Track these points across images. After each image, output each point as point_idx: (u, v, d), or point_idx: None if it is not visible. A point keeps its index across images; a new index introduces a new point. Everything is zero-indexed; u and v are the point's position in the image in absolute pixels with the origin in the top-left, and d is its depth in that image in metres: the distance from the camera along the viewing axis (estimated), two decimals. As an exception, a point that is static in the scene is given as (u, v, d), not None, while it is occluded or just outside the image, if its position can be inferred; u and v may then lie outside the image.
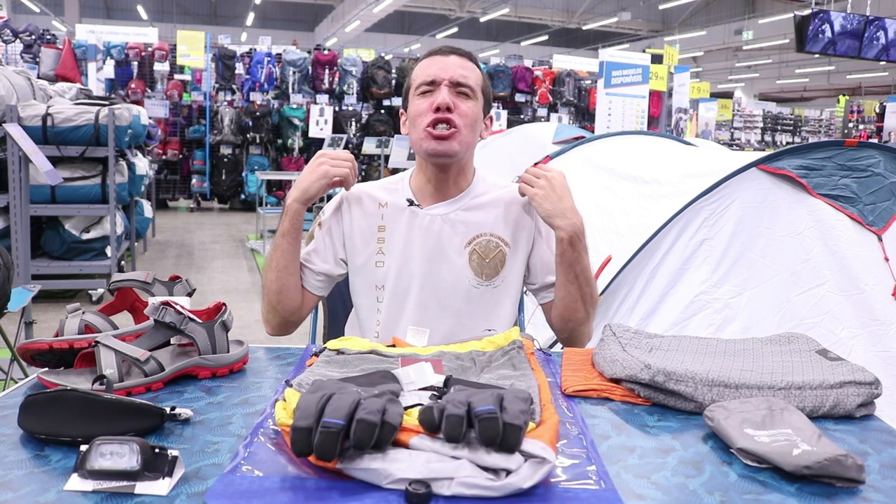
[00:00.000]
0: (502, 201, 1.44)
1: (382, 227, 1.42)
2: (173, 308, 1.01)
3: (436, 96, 1.35)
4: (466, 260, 1.40)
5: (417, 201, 1.42)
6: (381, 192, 1.46)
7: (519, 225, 1.43)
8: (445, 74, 1.36)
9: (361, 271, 1.43)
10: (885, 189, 2.40)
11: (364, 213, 1.44)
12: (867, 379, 0.98)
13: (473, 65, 1.41)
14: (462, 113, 1.35)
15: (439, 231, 1.40)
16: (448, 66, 1.37)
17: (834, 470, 0.74)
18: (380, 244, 1.42)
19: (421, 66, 1.40)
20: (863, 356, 2.14)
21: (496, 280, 1.41)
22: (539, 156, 3.46)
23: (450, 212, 1.41)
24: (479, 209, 1.42)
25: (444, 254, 1.40)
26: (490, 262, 1.40)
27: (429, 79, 1.36)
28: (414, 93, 1.39)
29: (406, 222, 1.41)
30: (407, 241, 1.40)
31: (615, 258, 2.35)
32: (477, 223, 1.41)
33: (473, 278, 1.40)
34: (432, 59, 1.39)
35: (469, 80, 1.37)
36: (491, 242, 1.41)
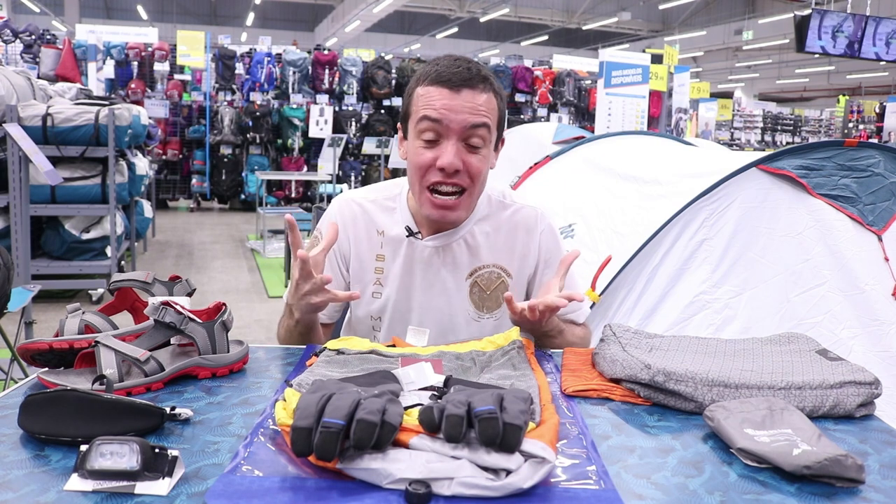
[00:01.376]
0: (506, 226, 1.34)
1: (381, 256, 1.33)
2: (173, 308, 1.01)
3: (440, 150, 1.18)
4: (467, 293, 1.33)
5: (417, 228, 1.32)
6: (379, 215, 1.34)
7: (521, 253, 1.35)
8: (456, 123, 1.16)
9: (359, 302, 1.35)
10: (885, 189, 2.40)
11: (364, 238, 1.34)
12: (867, 379, 0.98)
13: (489, 94, 1.20)
14: (472, 171, 1.19)
15: (440, 264, 1.32)
16: (459, 109, 1.16)
17: (834, 470, 0.74)
18: (377, 274, 1.33)
19: (425, 95, 1.19)
20: (863, 356, 2.14)
21: (497, 312, 1.35)
22: (539, 156, 3.46)
23: (450, 242, 1.31)
24: (480, 238, 1.32)
25: (444, 287, 1.32)
26: (492, 295, 1.33)
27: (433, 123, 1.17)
28: (414, 127, 1.21)
29: (405, 254, 1.32)
30: (405, 272, 1.32)
31: (615, 258, 2.35)
32: (478, 254, 1.32)
33: (474, 311, 1.33)
34: (439, 94, 1.17)
35: (483, 123, 1.18)
36: (493, 274, 1.33)
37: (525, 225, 1.34)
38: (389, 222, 1.33)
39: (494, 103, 1.21)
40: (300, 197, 9.89)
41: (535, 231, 1.35)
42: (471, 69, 1.19)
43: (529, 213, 1.35)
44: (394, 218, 1.33)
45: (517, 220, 1.34)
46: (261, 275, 5.95)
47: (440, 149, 1.18)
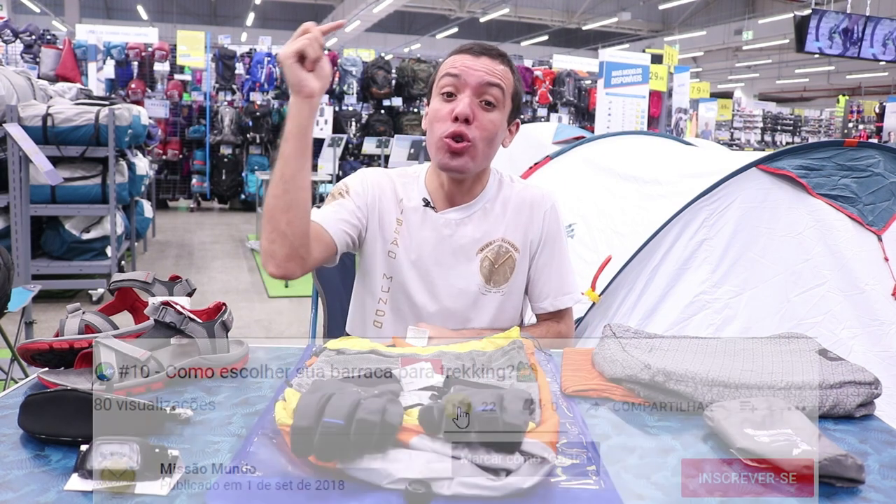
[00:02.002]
0: (515, 200, 1.42)
1: (400, 220, 1.41)
2: (173, 308, 1.01)
3: (456, 103, 1.29)
4: (478, 266, 1.39)
5: (433, 203, 1.41)
6: (399, 186, 1.43)
7: (526, 227, 1.42)
8: (473, 78, 1.29)
9: (375, 255, 1.41)
10: (885, 189, 2.40)
11: (388, 200, 1.41)
12: (867, 379, 0.98)
13: (505, 67, 1.33)
14: (482, 125, 1.30)
15: (452, 236, 1.39)
16: (475, 69, 1.29)
17: (834, 470, 0.74)
18: (396, 235, 1.40)
19: (449, 61, 1.33)
20: (863, 356, 2.14)
21: (504, 287, 1.41)
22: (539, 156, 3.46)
23: (463, 217, 1.40)
24: (492, 215, 1.41)
25: (456, 259, 1.39)
26: (500, 269, 1.40)
27: (453, 79, 1.29)
28: (437, 89, 1.34)
29: (420, 222, 1.40)
30: (420, 241, 1.39)
31: (615, 258, 2.35)
32: (490, 230, 1.40)
33: (483, 285, 1.39)
34: (461, 57, 1.32)
35: (497, 85, 1.30)
36: (502, 248, 1.40)
37: (531, 201, 1.42)
38: (409, 193, 1.42)
39: (510, 76, 1.33)
40: (300, 197, 9.87)
41: (541, 208, 1.42)
42: (491, 46, 1.34)
43: (536, 192, 1.45)
44: (413, 189, 1.42)
45: (524, 196, 1.43)
46: (261, 275, 5.95)
47: (457, 101, 1.29)
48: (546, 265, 1.43)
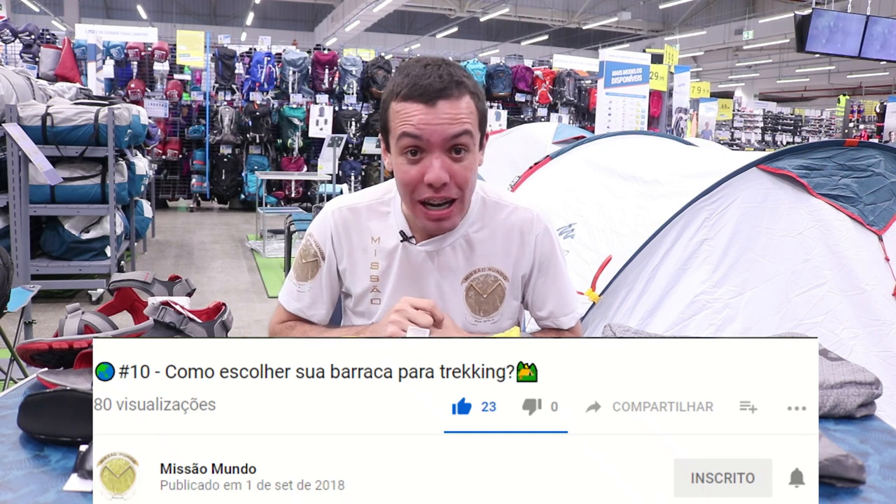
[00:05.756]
0: (501, 229, 1.31)
1: (376, 264, 1.31)
2: (173, 308, 1.01)
3: (425, 165, 1.15)
4: (462, 297, 1.30)
5: (411, 233, 1.29)
6: (372, 220, 1.31)
7: (517, 256, 1.32)
8: (436, 136, 1.13)
9: (359, 303, 1.35)
10: (886, 189, 2.40)
11: (358, 247, 1.31)
12: (868, 379, 0.98)
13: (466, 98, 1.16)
14: (460, 179, 1.17)
15: (434, 268, 1.30)
16: (436, 122, 1.13)
17: (834, 470, 0.74)
18: (374, 282, 1.32)
19: (402, 111, 1.15)
20: (863, 356, 2.15)
21: (495, 316, 1.33)
22: (539, 156, 3.46)
23: (444, 247, 1.29)
24: (475, 242, 1.30)
25: (440, 291, 1.30)
26: (488, 298, 1.31)
27: (413, 139, 1.14)
28: (396, 143, 1.18)
29: (399, 260, 1.30)
30: (400, 277, 1.30)
31: (615, 258, 2.35)
32: (473, 258, 1.30)
33: (470, 315, 1.31)
34: (415, 111, 1.14)
35: (464, 131, 1.15)
36: (489, 277, 1.31)
37: (520, 227, 1.31)
38: (383, 228, 1.31)
39: (473, 106, 1.18)
40: (300, 197, 9.88)
41: (531, 234, 1.31)
42: (442, 77, 1.15)
43: (525, 215, 1.32)
44: (387, 223, 1.31)
45: (513, 222, 1.31)
46: (261, 275, 5.96)
47: (425, 164, 1.16)
48: (543, 288, 1.34)
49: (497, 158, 4.78)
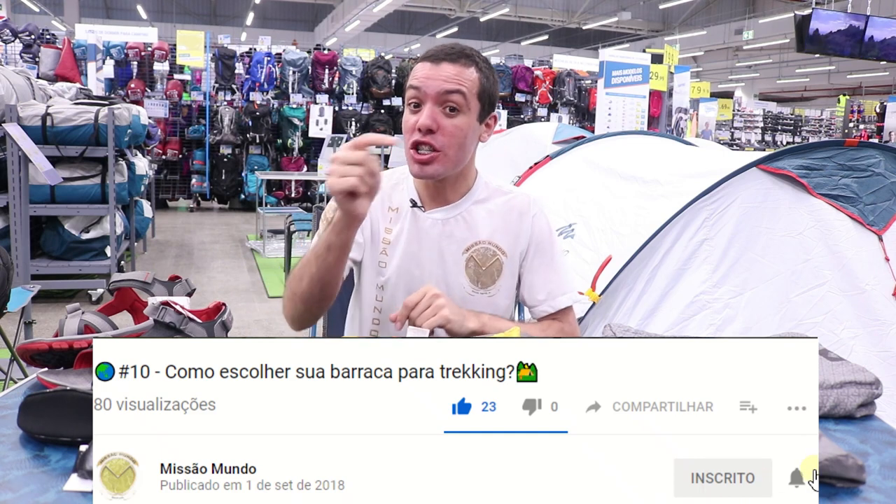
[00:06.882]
0: (502, 209, 1.42)
1: (389, 229, 1.42)
2: (173, 308, 1.01)
3: (420, 114, 1.29)
4: (463, 267, 1.40)
5: (421, 203, 1.41)
6: (389, 190, 1.43)
7: (515, 233, 1.42)
8: (431, 88, 1.28)
9: (367, 268, 1.43)
10: (886, 189, 2.40)
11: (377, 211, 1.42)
12: (868, 379, 0.98)
13: (471, 69, 1.31)
14: (448, 132, 1.29)
15: (438, 236, 1.40)
16: (436, 77, 1.28)
17: (834, 470, 0.74)
18: (384, 245, 1.42)
19: (415, 70, 1.33)
20: (863, 356, 2.15)
21: (492, 289, 1.41)
22: (539, 156, 3.46)
23: (449, 217, 1.40)
24: (478, 216, 1.41)
25: (442, 259, 1.39)
26: (486, 271, 1.40)
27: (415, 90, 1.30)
28: (406, 98, 1.35)
29: (409, 225, 1.41)
30: (408, 242, 1.40)
31: (615, 258, 2.35)
32: (475, 230, 1.40)
33: (469, 285, 1.40)
34: (422, 66, 1.31)
35: (459, 90, 1.28)
36: (488, 251, 1.40)
37: (519, 208, 1.43)
38: (397, 196, 1.43)
39: (475, 76, 1.32)
40: (300, 197, 9.88)
41: (528, 214, 1.43)
42: (454, 48, 1.32)
43: (523, 199, 1.45)
44: (401, 191, 1.43)
45: (512, 204, 1.43)
46: (261, 275, 5.96)
47: (420, 112, 1.30)
48: (538, 268, 1.43)
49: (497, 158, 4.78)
